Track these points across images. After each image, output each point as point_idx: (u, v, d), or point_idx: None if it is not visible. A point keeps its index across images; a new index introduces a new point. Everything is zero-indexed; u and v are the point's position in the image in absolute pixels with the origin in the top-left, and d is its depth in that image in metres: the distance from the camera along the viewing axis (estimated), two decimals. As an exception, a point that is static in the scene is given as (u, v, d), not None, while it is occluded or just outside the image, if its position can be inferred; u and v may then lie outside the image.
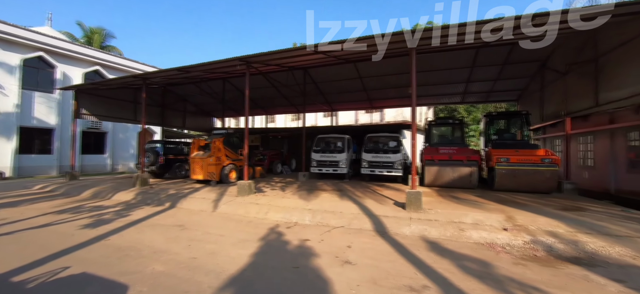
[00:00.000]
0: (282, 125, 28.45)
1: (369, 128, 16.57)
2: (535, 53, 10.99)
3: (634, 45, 7.05)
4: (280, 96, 17.07)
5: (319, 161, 12.86)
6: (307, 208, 7.24)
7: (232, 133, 12.87)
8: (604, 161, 10.29)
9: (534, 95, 12.92)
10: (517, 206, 7.32)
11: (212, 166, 11.30)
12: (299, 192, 9.41)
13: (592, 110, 8.69)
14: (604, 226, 5.61)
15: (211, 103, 18.64)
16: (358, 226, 6.11)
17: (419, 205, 6.78)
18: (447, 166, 10.41)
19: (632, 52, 7.09)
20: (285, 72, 12.31)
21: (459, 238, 5.45)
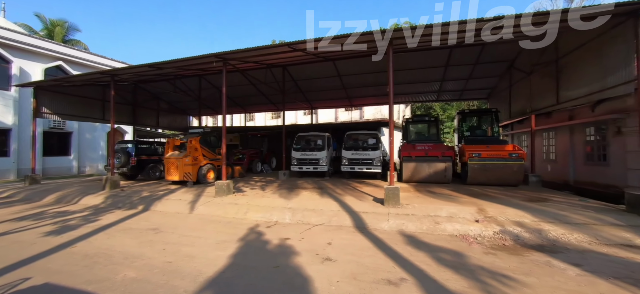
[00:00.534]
0: (261, 124, 28.06)
1: (348, 126, 16.78)
2: (504, 53, 11.65)
3: (589, 47, 7.65)
4: (259, 94, 16.82)
5: (299, 159, 12.83)
6: (288, 207, 7.21)
7: (209, 132, 12.51)
8: (564, 155, 11.10)
9: (503, 94, 13.66)
10: (487, 199, 7.72)
11: (189, 167, 10.93)
12: (279, 191, 9.34)
13: (553, 107, 9.34)
14: (564, 215, 6.06)
15: (187, 101, 17.99)
16: (338, 223, 6.17)
17: (397, 200, 6.96)
18: (424, 163, 10.76)
19: (588, 54, 7.68)
20: (263, 69, 12.13)
21: (435, 231, 5.66)
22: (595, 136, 9.49)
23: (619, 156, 8.54)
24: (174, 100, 18.64)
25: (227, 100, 17.77)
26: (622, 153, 8.38)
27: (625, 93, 6.45)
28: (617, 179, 8.56)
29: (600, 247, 4.83)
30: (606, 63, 7.01)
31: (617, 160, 8.60)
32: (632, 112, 7.96)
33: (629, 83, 6.35)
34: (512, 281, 3.58)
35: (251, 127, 22.23)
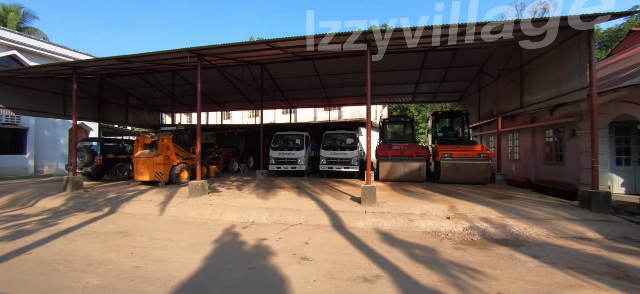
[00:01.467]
0: (239, 122, 27.46)
1: (327, 126, 16.87)
2: (474, 58, 12.26)
3: (548, 56, 8.25)
4: (237, 92, 16.44)
5: (277, 158, 12.70)
6: (265, 207, 7.11)
7: (183, 130, 12.03)
8: (526, 155, 11.91)
9: (473, 97, 14.37)
10: (458, 197, 8.10)
11: (160, 166, 10.44)
12: (257, 191, 9.19)
13: (517, 111, 9.97)
14: (526, 211, 6.51)
15: (159, 97, 17.16)
16: (316, 222, 6.18)
17: (374, 199, 7.10)
18: (399, 162, 11.09)
19: (548, 62, 8.29)
20: (241, 66, 11.87)
21: (409, 228, 5.85)
22: (553, 138, 10.27)
23: (573, 157, 9.30)
24: (144, 96, 17.71)
25: (202, 97, 17.27)
26: (576, 154, 9.14)
27: (579, 99, 7.02)
28: (571, 177, 9.33)
29: (557, 240, 5.24)
30: (563, 71, 7.59)
31: (572, 160, 9.36)
32: (585, 116, 8.72)
33: (582, 90, 6.92)
34: (479, 274, 3.79)
35: (228, 126, 21.66)
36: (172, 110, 15.11)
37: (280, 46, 8.45)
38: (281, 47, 8.50)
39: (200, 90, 8.47)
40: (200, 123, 8.66)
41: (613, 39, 23.87)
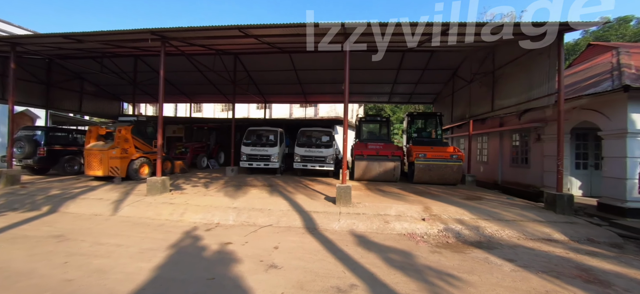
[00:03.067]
0: (210, 116, 26.11)
1: (302, 123, 16.44)
2: (449, 61, 12.48)
3: (519, 62, 8.50)
4: (208, 83, 15.47)
5: (249, 155, 12.07)
6: (232, 206, 6.56)
7: (144, 120, 10.99)
8: (494, 158, 12.36)
9: (446, 99, 14.71)
10: (432, 198, 8.09)
11: (116, 160, 9.41)
12: (225, 189, 8.56)
13: (488, 114, 10.25)
14: (497, 213, 6.58)
15: (120, 84, 15.69)
16: (287, 224, 5.77)
17: (349, 199, 6.83)
18: (374, 161, 10.97)
19: (518, 68, 8.54)
20: (213, 55, 11.07)
21: (384, 230, 5.63)
22: (520, 142, 10.70)
23: (538, 160, 9.72)
24: (103, 83, 16.11)
25: (170, 87, 16.11)
26: (540, 157, 9.55)
27: (547, 105, 7.26)
28: (535, 180, 9.75)
29: (527, 242, 5.28)
30: (533, 77, 7.84)
31: (537, 163, 9.79)
32: (550, 121, 9.12)
33: (550, 96, 7.15)
34: (457, 280, 3.61)
35: (198, 119, 20.42)
36: (133, 99, 13.82)
37: (255, 34, 7.89)
38: (255, 34, 7.94)
39: (163, 77, 7.67)
40: (162, 112, 7.85)
41: (570, 52, 25.90)
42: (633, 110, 6.58)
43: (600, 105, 7.32)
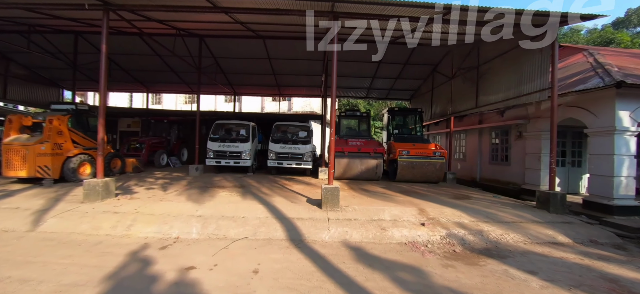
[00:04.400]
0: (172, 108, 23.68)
1: (277, 117, 15.27)
2: (430, 57, 12.16)
3: (507, 57, 8.27)
4: (168, 69, 13.63)
5: (217, 151, 10.67)
6: (196, 214, 5.35)
7: (86, 109, 9.14)
8: (472, 155, 12.31)
9: (425, 96, 14.50)
10: (421, 198, 7.52)
11: (46, 158, 7.59)
12: (188, 191, 7.23)
13: (472, 111, 10.02)
14: (493, 214, 6.14)
15: (59, 67, 13.24)
16: (267, 236, 4.73)
17: (337, 202, 5.97)
18: (356, 159, 10.26)
19: (506, 63, 8.31)
20: (174, 36, 9.50)
21: (382, 239, 4.84)
22: (500, 139, 10.65)
23: (518, 157, 9.67)
24: (37, 65, 13.49)
25: (123, 73, 13.95)
26: (521, 155, 9.49)
27: (540, 100, 7.02)
28: (516, 177, 9.70)
29: (535, 246, 4.83)
30: (522, 72, 7.60)
31: (517, 161, 9.74)
32: (533, 118, 9.05)
33: (543, 91, 6.89)
34: (490, 307, 2.90)
35: (156, 111, 18.22)
36: (74, 85, 11.60)
37: (226, 6, 6.63)
38: (227, 7, 6.67)
39: (106, 54, 6.11)
40: (104, 96, 6.28)
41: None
42: (621, 107, 6.52)
43: (586, 102, 7.24)
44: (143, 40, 10.92)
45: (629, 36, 22.70)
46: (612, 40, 19.82)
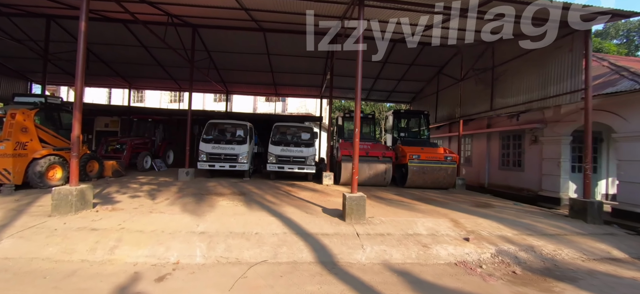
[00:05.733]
0: (156, 106, 22.05)
1: (272, 118, 14.29)
2: (436, 59, 11.68)
3: (528, 58, 7.84)
4: (154, 63, 12.39)
5: (210, 154, 9.60)
6: (198, 231, 4.37)
7: (58, 103, 7.89)
8: (480, 160, 11.91)
9: (427, 99, 14.04)
10: (442, 206, 6.89)
11: (7, 159, 6.33)
12: (181, 200, 6.19)
13: (486, 114, 9.56)
14: (532, 225, 5.56)
15: (28, 57, 11.68)
16: (290, 258, 3.84)
17: (362, 213, 5.19)
18: (364, 163, 9.55)
19: (527, 64, 7.88)
20: (165, 24, 8.42)
21: (427, 259, 4.08)
22: (512, 144, 10.26)
23: (533, 163, 9.28)
24: (2, 53, 11.83)
25: (102, 66, 12.54)
26: (537, 160, 9.11)
27: (571, 102, 6.57)
28: (530, 183, 9.31)
29: (595, 264, 4.24)
30: (549, 73, 7.16)
31: (532, 166, 9.35)
32: (551, 123, 8.68)
33: (575, 93, 6.45)
34: None
35: (139, 109, 16.70)
36: (44, 76, 10.13)
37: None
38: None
39: (85, 32, 5.02)
40: (81, 85, 5.15)
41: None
42: (655, 111, 6.17)
43: (614, 105, 6.90)
44: (127, 28, 9.72)
45: (615, 46, 23.53)
46: (600, 49, 20.38)
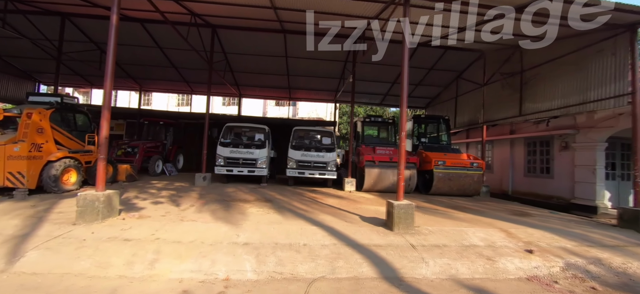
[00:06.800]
0: (160, 108, 21.64)
1: (288, 122, 13.97)
2: (455, 63, 11.46)
3: (564, 61, 7.61)
4: (166, 65, 12.09)
5: (228, 158, 9.25)
6: (241, 241, 3.98)
7: (73, 103, 7.53)
8: (502, 166, 11.58)
9: (443, 104, 13.80)
10: (482, 215, 6.55)
11: (22, 161, 5.93)
12: (208, 207, 5.80)
13: (515, 119, 9.29)
14: (588, 235, 5.23)
15: (36, 57, 11.34)
16: (350, 273, 3.46)
17: (411, 222, 4.83)
18: (388, 169, 9.23)
19: (565, 68, 7.62)
20: (187, 24, 8.13)
21: (496, 274, 3.71)
22: (539, 150, 9.96)
23: (564, 170, 8.98)
24: (10, 53, 11.46)
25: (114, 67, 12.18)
26: (568, 167, 8.80)
27: (616, 106, 6.31)
28: (561, 191, 8.99)
29: (674, 282, 3.88)
30: (588, 77, 6.92)
31: (562, 173, 9.04)
32: (583, 129, 8.41)
33: (619, 97, 6.19)
34: None
35: (150, 111, 16.31)
36: (56, 77, 9.75)
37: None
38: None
39: (116, 24, 4.71)
40: (109, 85, 4.82)
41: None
42: None
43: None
44: (144, 28, 9.43)
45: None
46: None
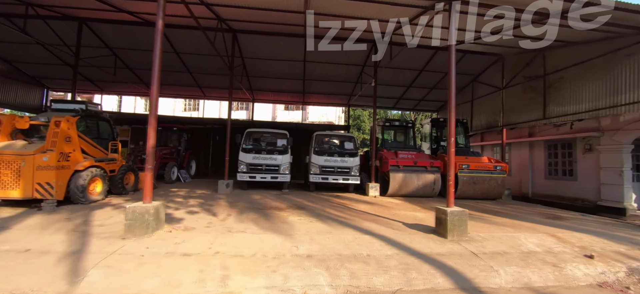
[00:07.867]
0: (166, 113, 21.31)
1: (299, 127, 13.85)
2: (472, 67, 11.49)
3: (591, 65, 7.65)
4: (180, 70, 11.90)
5: (250, 164, 9.11)
6: (302, 253, 3.85)
7: (97, 110, 7.34)
8: (521, 169, 11.58)
9: (457, 108, 13.70)
10: (513, 218, 6.58)
11: (50, 172, 5.70)
12: (246, 215, 5.66)
13: (539, 122, 9.31)
14: (635, 239, 5.20)
15: (47, 63, 11.08)
16: (425, 285, 3.35)
17: (464, 229, 4.76)
18: (412, 173, 9.19)
19: (592, 71, 7.65)
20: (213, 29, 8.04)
21: (567, 281, 3.64)
22: (561, 152, 9.98)
23: (588, 172, 9.00)
24: (21, 59, 11.14)
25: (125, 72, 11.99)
26: (592, 169, 8.83)
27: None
28: (586, 193, 9.01)
29: None
30: (618, 80, 6.95)
31: (586, 175, 9.06)
32: (608, 131, 8.44)
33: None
34: None
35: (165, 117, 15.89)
36: (74, 84, 9.46)
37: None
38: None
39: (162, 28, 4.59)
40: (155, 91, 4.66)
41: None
42: None
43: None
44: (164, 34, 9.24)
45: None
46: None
